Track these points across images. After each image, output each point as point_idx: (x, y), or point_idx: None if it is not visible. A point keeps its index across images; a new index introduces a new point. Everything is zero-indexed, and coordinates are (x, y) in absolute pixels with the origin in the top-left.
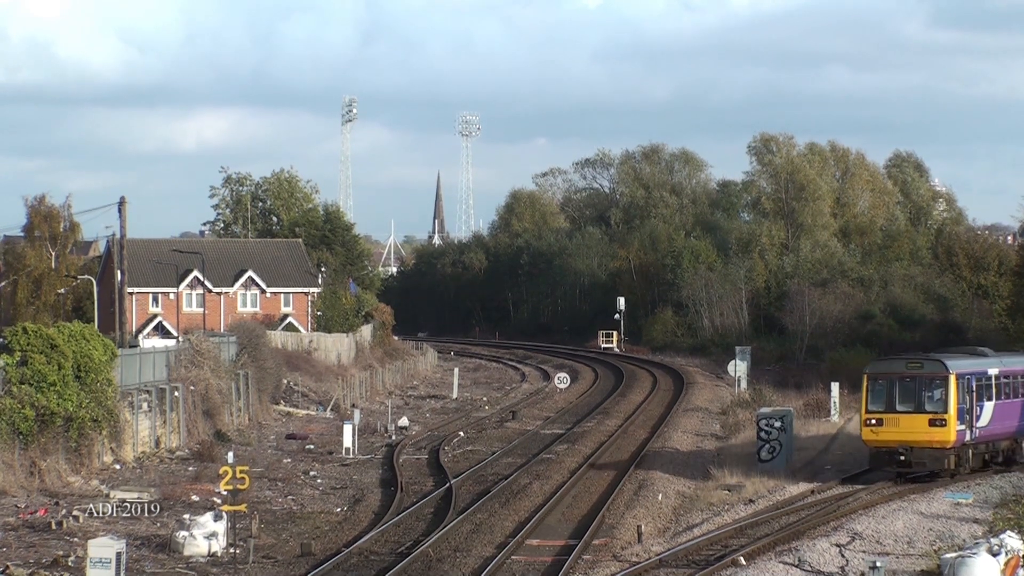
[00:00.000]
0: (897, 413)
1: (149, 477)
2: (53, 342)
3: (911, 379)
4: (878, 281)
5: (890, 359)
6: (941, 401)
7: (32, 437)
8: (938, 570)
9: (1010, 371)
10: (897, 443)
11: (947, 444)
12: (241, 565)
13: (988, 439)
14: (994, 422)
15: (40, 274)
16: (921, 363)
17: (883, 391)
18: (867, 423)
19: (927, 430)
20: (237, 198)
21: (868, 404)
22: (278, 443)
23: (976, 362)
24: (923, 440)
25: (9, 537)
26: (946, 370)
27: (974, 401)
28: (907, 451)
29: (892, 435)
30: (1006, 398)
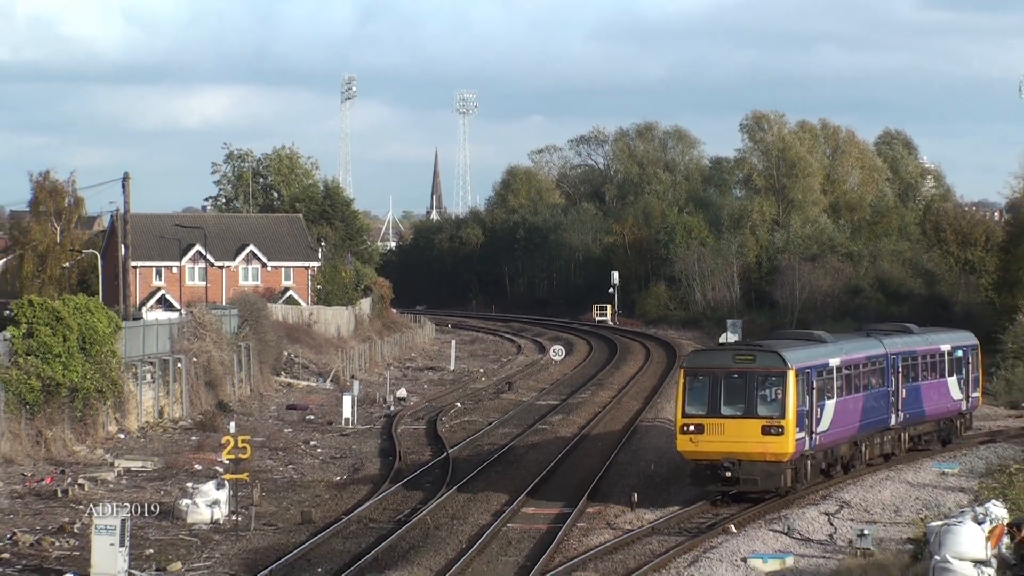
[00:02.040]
0: (722, 418)
1: (153, 446)
2: (58, 315)
3: (740, 375)
4: (867, 256)
5: (714, 350)
6: (777, 403)
7: (38, 407)
8: (924, 538)
9: (852, 360)
10: (722, 456)
11: (784, 457)
12: (243, 532)
13: (829, 445)
14: (835, 425)
15: (45, 248)
16: (752, 355)
17: (704, 390)
18: (684, 430)
19: (759, 439)
20: (239, 174)
21: (685, 406)
22: (279, 413)
23: (816, 352)
24: (755, 452)
25: (16, 505)
26: (783, 364)
27: (814, 401)
28: (734, 465)
29: (716, 446)
30: (848, 394)
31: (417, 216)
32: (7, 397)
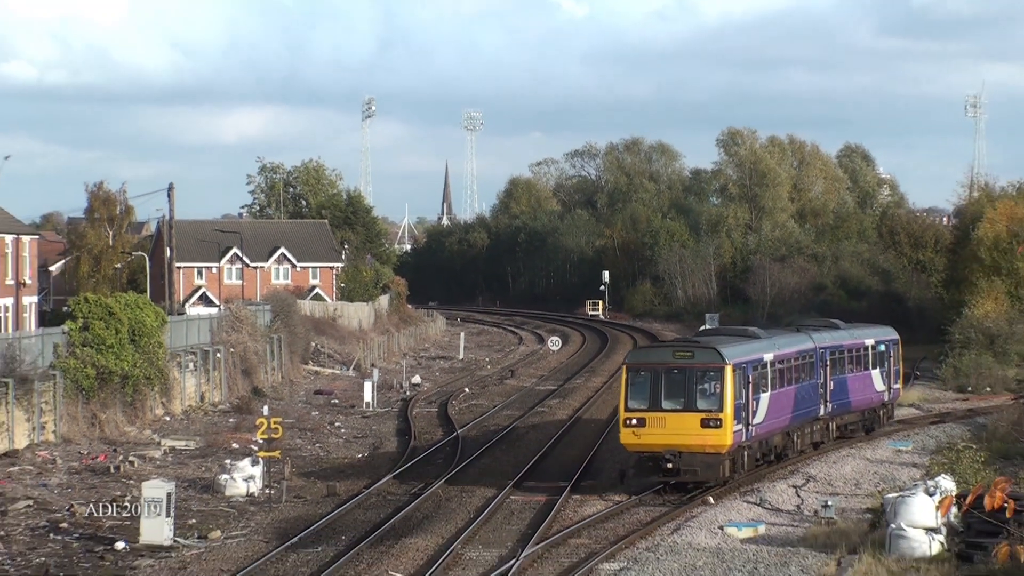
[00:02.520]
0: (663, 412)
1: (195, 428)
2: (111, 310)
3: (680, 371)
4: (830, 257)
5: (655, 347)
6: (715, 397)
7: (93, 393)
8: (882, 508)
9: (784, 355)
10: (663, 447)
11: (723, 448)
12: (275, 504)
13: (763, 436)
14: (770, 417)
15: (99, 251)
16: (691, 351)
17: (646, 385)
18: (627, 423)
19: (699, 432)
20: (271, 184)
21: (628, 401)
22: (307, 398)
23: (751, 347)
24: (694, 444)
25: (73, 479)
26: (721, 360)
27: (750, 395)
28: (675, 457)
29: (657, 438)
30: (780, 387)
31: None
32: (66, 383)
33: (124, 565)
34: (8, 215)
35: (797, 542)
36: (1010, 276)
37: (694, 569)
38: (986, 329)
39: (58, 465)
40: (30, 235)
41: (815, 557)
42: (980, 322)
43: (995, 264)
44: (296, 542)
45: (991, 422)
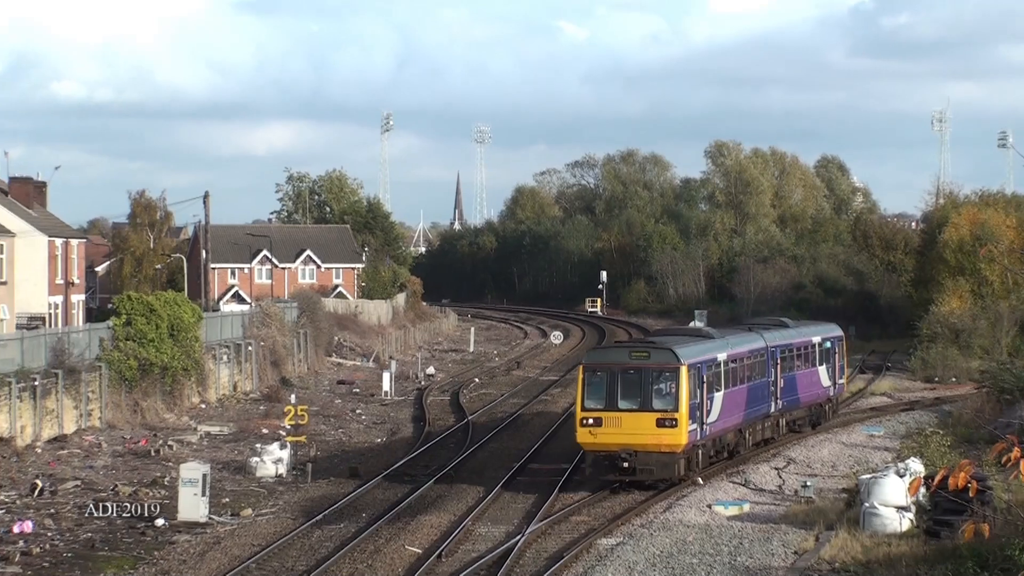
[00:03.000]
0: (619, 411)
1: (228, 414)
2: (152, 307)
3: (635, 371)
4: (808, 258)
5: (611, 347)
6: (671, 397)
7: (135, 382)
8: (856, 488)
9: (736, 354)
10: (619, 447)
11: (678, 448)
12: (302, 484)
13: (717, 434)
14: (723, 415)
15: (141, 253)
16: (647, 352)
17: (602, 385)
18: (584, 423)
19: (655, 431)
20: (298, 192)
21: (585, 400)
22: (331, 387)
23: (705, 347)
24: (650, 443)
25: (117, 462)
26: (676, 360)
27: (705, 394)
28: (631, 456)
29: (613, 438)
30: (733, 386)
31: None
32: (110, 374)
33: (164, 540)
34: (58, 220)
35: (779, 519)
36: (973, 276)
37: (685, 544)
38: (951, 325)
39: (103, 449)
40: (78, 239)
41: (795, 533)
42: (946, 318)
43: (959, 265)
44: (320, 519)
45: (956, 410)
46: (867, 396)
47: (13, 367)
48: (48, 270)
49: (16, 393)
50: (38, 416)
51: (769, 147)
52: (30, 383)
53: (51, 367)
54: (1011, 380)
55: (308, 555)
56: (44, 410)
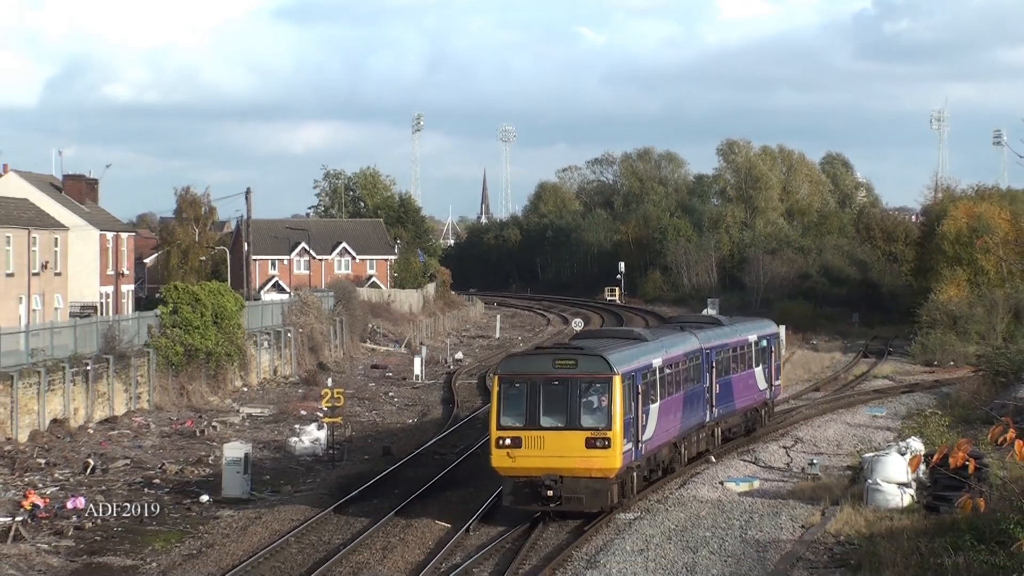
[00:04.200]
0: (542, 430)
1: (268, 397)
2: (197, 296)
3: (561, 382)
4: (814, 249)
5: (532, 354)
6: (602, 412)
7: (181, 367)
8: (860, 466)
9: (672, 358)
10: (542, 472)
11: (611, 472)
12: (338, 462)
13: (653, 452)
14: (659, 430)
15: (187, 246)
16: (574, 359)
17: (522, 399)
18: (500, 444)
19: (584, 454)
20: (334, 188)
21: (500, 417)
22: (365, 371)
23: (640, 352)
24: (578, 468)
25: (164, 442)
26: (609, 369)
27: (640, 407)
28: (556, 483)
29: (535, 461)
30: (670, 395)
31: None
32: (158, 359)
33: (208, 515)
34: (109, 215)
35: (787, 495)
36: (970, 266)
37: (698, 518)
38: (949, 312)
39: (151, 429)
40: (127, 232)
41: (802, 508)
42: (944, 306)
43: (957, 256)
44: (355, 495)
45: (954, 392)
46: (870, 379)
47: (67, 353)
48: (100, 262)
49: (70, 377)
50: (90, 399)
51: (777, 145)
52: (83, 368)
53: (102, 353)
54: (1006, 364)
55: (344, 529)
56: (96, 393)
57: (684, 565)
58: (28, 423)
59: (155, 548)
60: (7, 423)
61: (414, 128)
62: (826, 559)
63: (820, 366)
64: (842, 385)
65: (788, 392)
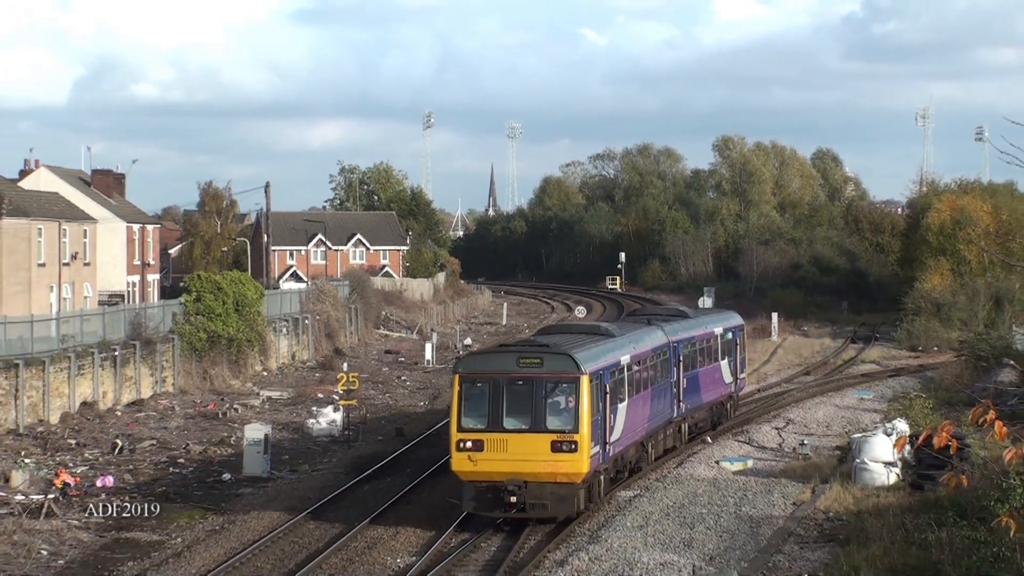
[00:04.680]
0: (505, 432)
1: (287, 381)
2: (219, 285)
3: (525, 382)
4: (805, 240)
5: (495, 352)
6: (569, 414)
7: (204, 352)
8: (848, 446)
9: (640, 354)
10: (506, 476)
11: (578, 477)
12: (353, 443)
13: (621, 454)
14: (627, 430)
15: (209, 237)
16: (540, 358)
17: (484, 399)
18: (460, 447)
19: (549, 457)
20: (349, 183)
21: (462, 418)
22: (379, 356)
23: (608, 349)
24: (544, 472)
25: (189, 423)
26: (576, 368)
27: (608, 408)
28: (520, 488)
29: (498, 465)
30: (638, 393)
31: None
32: (182, 345)
33: (230, 493)
34: (135, 208)
35: (779, 474)
36: (953, 256)
37: (695, 496)
38: (933, 299)
39: (176, 411)
40: (153, 224)
41: (794, 486)
42: (928, 294)
43: (941, 246)
44: (370, 474)
45: (938, 376)
46: (858, 364)
47: (96, 339)
48: (126, 252)
49: (99, 362)
50: (118, 383)
51: (770, 141)
52: (111, 353)
53: (129, 339)
54: (987, 349)
55: (359, 505)
56: (123, 377)
57: (681, 540)
58: (59, 406)
59: (180, 524)
60: (39, 406)
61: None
62: (816, 534)
63: (811, 351)
64: (831, 369)
65: (780, 376)
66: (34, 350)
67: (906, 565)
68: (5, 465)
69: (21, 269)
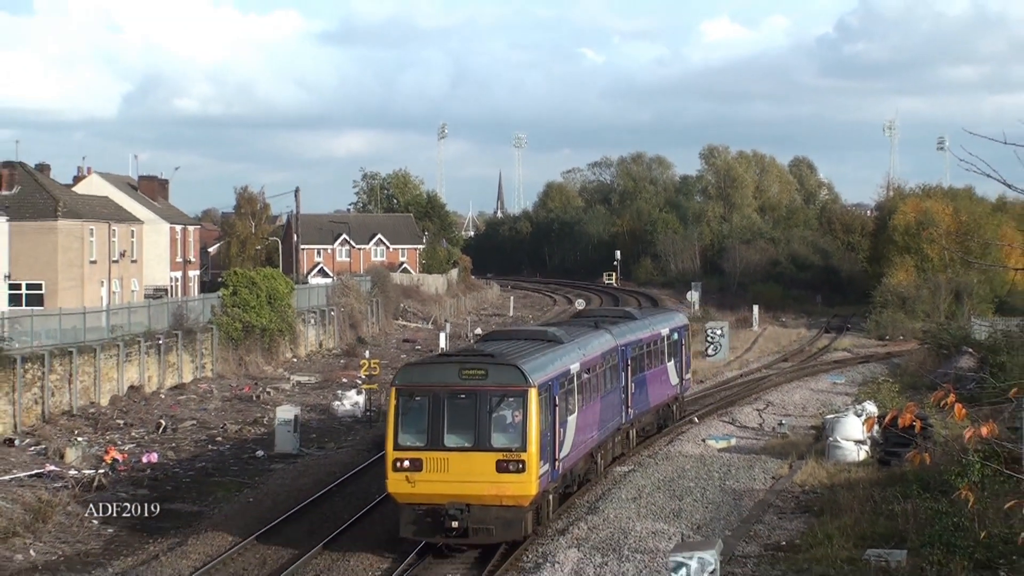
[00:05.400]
0: (446, 451)
1: (314, 367)
2: (253, 280)
3: (468, 395)
4: (783, 240)
5: (435, 363)
6: (516, 431)
7: (240, 341)
8: (822, 426)
9: (589, 360)
10: (447, 499)
11: (526, 500)
12: (374, 423)
13: (570, 469)
14: (577, 443)
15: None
16: (484, 369)
17: (423, 414)
18: (397, 466)
19: (494, 479)
20: (370, 187)
21: (398, 435)
22: (397, 345)
23: (557, 357)
24: (488, 495)
25: (225, 405)
26: (524, 380)
27: (557, 422)
28: (462, 511)
29: (439, 487)
30: (588, 403)
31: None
32: (220, 334)
33: (263, 468)
34: (178, 211)
35: (760, 451)
36: (917, 254)
37: (683, 471)
38: (899, 293)
39: (214, 394)
40: (194, 225)
41: (773, 462)
42: (895, 288)
43: (906, 245)
44: None
45: (903, 362)
46: (831, 351)
47: (142, 329)
48: (170, 251)
49: (144, 350)
50: (162, 368)
51: (752, 150)
52: (155, 342)
53: (172, 329)
54: (947, 338)
55: (381, 479)
56: (167, 363)
57: (671, 511)
58: (109, 389)
59: (217, 496)
60: (91, 389)
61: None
62: (793, 506)
63: (788, 340)
64: (807, 356)
65: (760, 362)
66: (86, 339)
67: (875, 533)
68: (60, 443)
69: (75, 266)
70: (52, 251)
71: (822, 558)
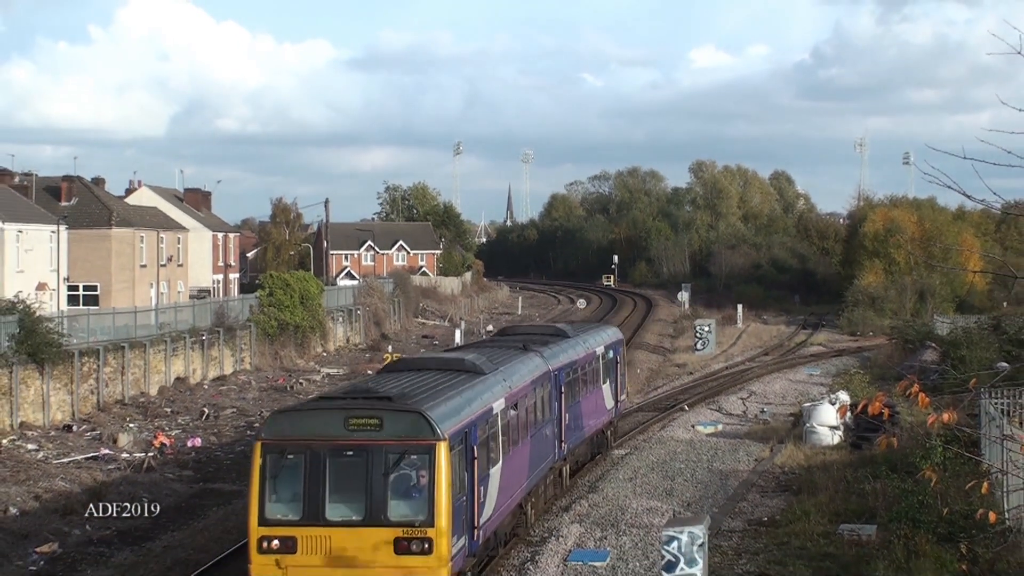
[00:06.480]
0: (328, 526)
1: (342, 360)
2: (287, 282)
3: (357, 452)
4: (764, 245)
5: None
6: (421, 497)
7: (275, 337)
8: (800, 413)
9: (516, 393)
10: None
11: None
12: None
13: (494, 529)
14: (502, 499)
15: (280, 243)
16: (378, 417)
17: (297, 478)
18: (263, 547)
19: (393, 562)
20: (393, 198)
21: (265, 507)
22: (417, 340)
23: (475, 394)
24: None
25: (262, 395)
26: (431, 431)
27: (476, 479)
28: None
29: (318, 572)
30: (515, 446)
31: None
32: (257, 331)
33: None
34: (220, 220)
35: (744, 436)
36: (885, 258)
37: (675, 454)
38: (869, 293)
39: (252, 385)
40: (234, 233)
41: (756, 445)
42: (865, 289)
43: (875, 250)
44: None
45: (873, 356)
46: (808, 346)
47: (187, 326)
48: (212, 256)
49: (189, 345)
50: (205, 362)
51: (736, 164)
52: (199, 338)
53: (214, 326)
54: (913, 334)
55: None
56: (209, 357)
57: (664, 490)
58: (157, 380)
59: None
60: (141, 380)
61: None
62: (774, 485)
63: (769, 336)
64: (786, 351)
65: (744, 356)
66: (137, 335)
67: (847, 510)
68: (113, 429)
69: (126, 269)
70: (106, 256)
71: (800, 532)
